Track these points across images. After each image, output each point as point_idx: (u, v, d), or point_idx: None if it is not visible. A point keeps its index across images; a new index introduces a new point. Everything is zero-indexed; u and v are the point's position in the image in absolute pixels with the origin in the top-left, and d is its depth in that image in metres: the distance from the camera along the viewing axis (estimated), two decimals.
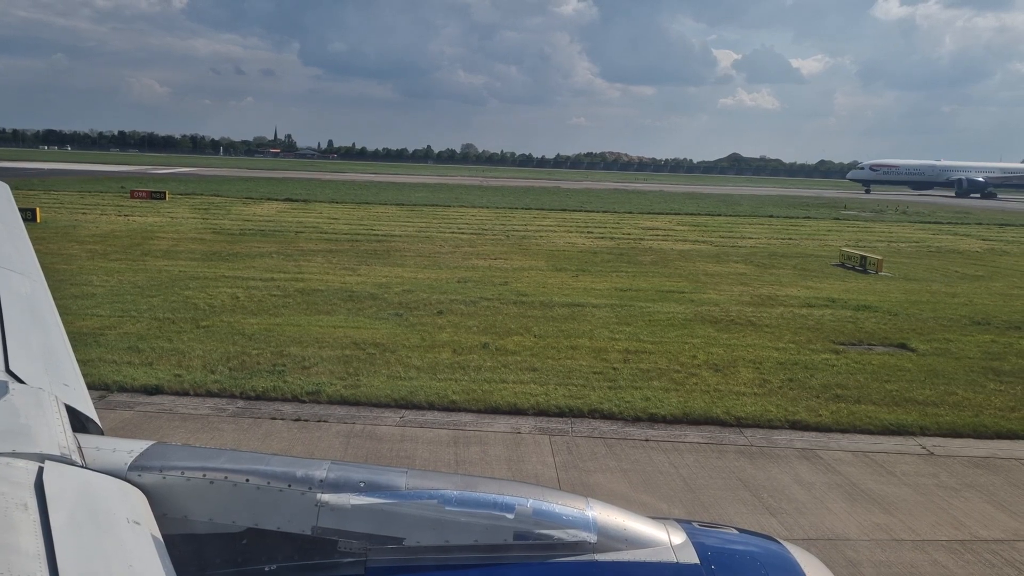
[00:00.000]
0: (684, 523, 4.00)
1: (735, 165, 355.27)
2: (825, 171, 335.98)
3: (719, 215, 65.53)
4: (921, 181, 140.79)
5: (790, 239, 47.12)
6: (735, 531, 4.33)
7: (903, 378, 16.46)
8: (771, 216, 66.57)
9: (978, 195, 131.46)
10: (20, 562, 2.13)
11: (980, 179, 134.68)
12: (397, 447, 11.96)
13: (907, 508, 10.59)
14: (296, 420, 12.89)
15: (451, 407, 13.66)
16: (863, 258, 34.26)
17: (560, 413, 13.59)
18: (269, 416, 13.04)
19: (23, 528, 2.30)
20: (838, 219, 67.14)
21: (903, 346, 19.45)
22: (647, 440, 12.68)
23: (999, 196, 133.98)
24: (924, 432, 13.54)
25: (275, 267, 27.87)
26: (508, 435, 12.63)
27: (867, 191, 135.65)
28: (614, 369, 16.17)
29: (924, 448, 12.92)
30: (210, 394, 13.87)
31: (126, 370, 14.65)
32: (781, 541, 4.21)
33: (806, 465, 11.93)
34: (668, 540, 3.73)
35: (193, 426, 12.48)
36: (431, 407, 13.65)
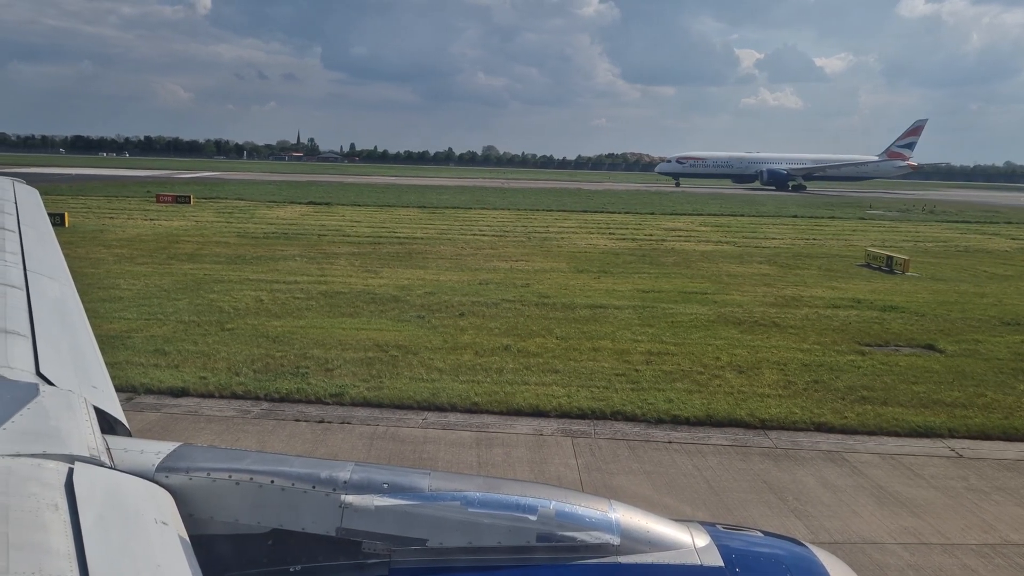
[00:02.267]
0: (708, 525, 3.97)
1: None
2: None
3: (742, 215, 65.03)
4: (729, 173, 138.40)
5: (814, 239, 46.68)
6: (760, 534, 4.29)
7: (931, 380, 16.24)
8: (795, 216, 65.98)
9: (785, 188, 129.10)
10: (51, 561, 2.17)
11: (783, 171, 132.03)
12: (420, 449, 12.00)
13: (935, 511, 10.44)
14: (320, 422, 12.98)
15: (473, 409, 13.68)
16: (889, 258, 33.85)
17: (583, 415, 13.56)
18: (293, 418, 13.14)
19: (54, 528, 2.34)
20: (863, 219, 66.39)
21: (931, 347, 19.19)
22: (670, 442, 12.61)
23: (808, 188, 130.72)
24: (953, 434, 13.34)
25: (298, 270, 28.10)
26: (531, 437, 12.62)
27: (677, 184, 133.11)
28: (636, 371, 16.10)
29: (953, 451, 12.73)
30: (235, 396, 14.01)
31: (153, 372, 14.83)
32: (807, 544, 4.17)
33: (832, 468, 11.80)
34: (692, 542, 3.70)
35: (218, 428, 12.61)
36: (453, 409, 13.68)
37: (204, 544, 3.07)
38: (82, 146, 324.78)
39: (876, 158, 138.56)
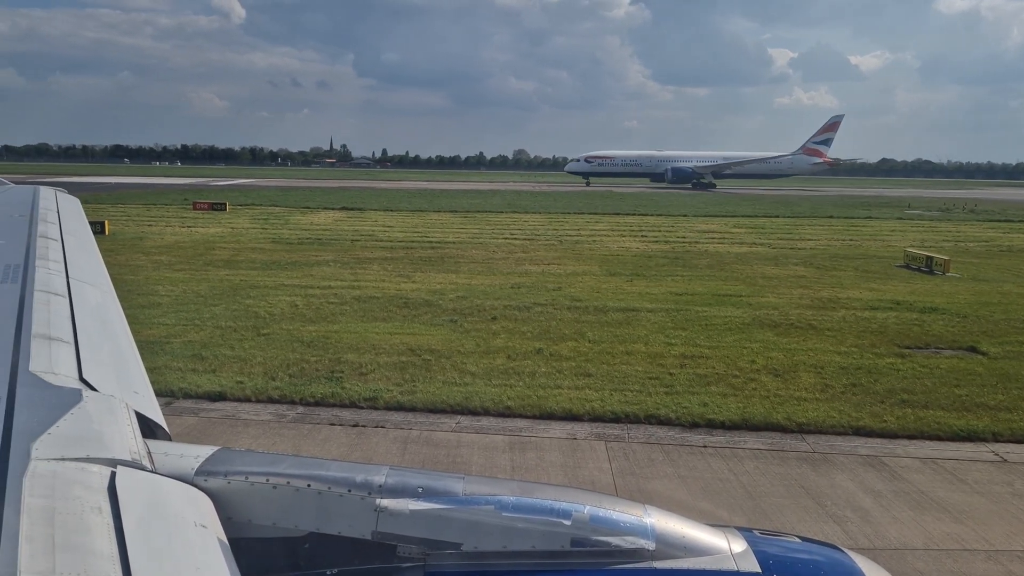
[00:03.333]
0: (745, 531, 3.93)
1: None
2: (887, 170, 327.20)
3: (777, 216, 64.30)
4: (638, 172, 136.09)
5: (851, 240, 45.97)
6: (798, 539, 4.23)
7: (973, 382, 15.89)
8: (831, 217, 65.02)
9: (689, 185, 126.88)
10: (95, 563, 2.21)
11: (688, 168, 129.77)
12: (453, 453, 12.03)
13: (979, 517, 10.20)
14: (354, 426, 13.08)
15: (506, 413, 13.69)
16: (929, 259, 33.20)
17: (616, 419, 13.50)
18: (328, 422, 13.27)
19: (97, 531, 2.39)
20: (902, 219, 65.27)
21: (973, 349, 18.78)
22: (705, 446, 12.50)
23: (718, 186, 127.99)
24: (997, 438, 13.04)
25: (332, 275, 28.37)
26: (564, 441, 12.60)
27: (587, 184, 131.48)
28: (670, 374, 15.99)
29: (997, 455, 12.44)
30: (271, 400, 14.19)
31: (191, 377, 15.08)
32: (846, 550, 4.11)
33: (871, 472, 11.60)
34: (728, 548, 3.67)
35: (255, 432, 12.77)
36: (486, 413, 13.70)
37: (242, 547, 3.11)
38: (122, 155, 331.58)
39: (789, 154, 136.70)
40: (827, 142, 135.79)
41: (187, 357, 16.47)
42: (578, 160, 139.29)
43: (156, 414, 3.99)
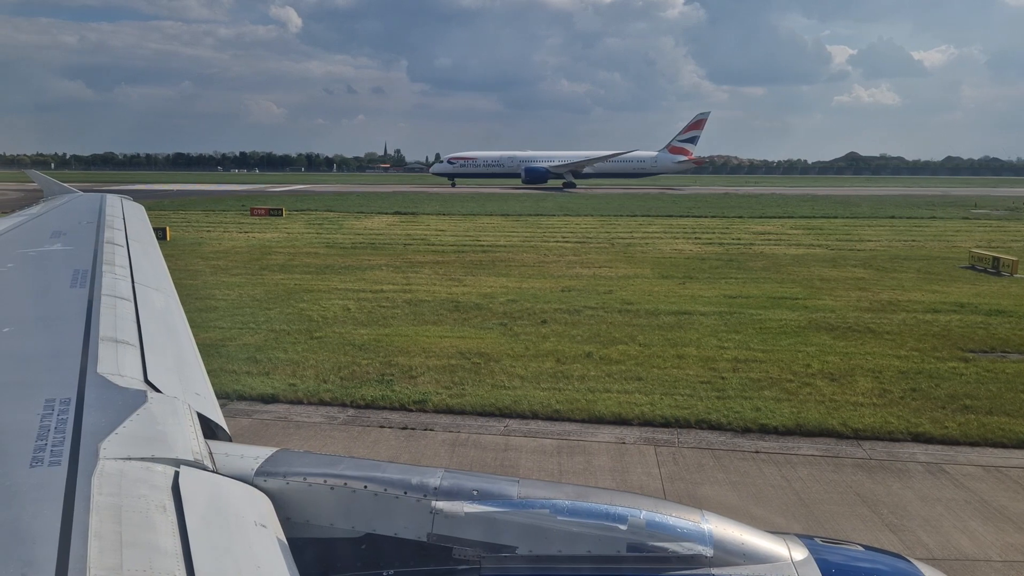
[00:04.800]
0: (805, 539, 3.85)
1: (853, 165, 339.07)
2: (952, 168, 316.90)
3: (836, 217, 62.83)
4: (500, 172, 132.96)
5: (913, 241, 44.67)
6: (860, 548, 4.15)
7: None
8: (892, 217, 63.24)
9: (560, 186, 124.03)
10: (160, 560, 2.32)
11: (542, 168, 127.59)
12: (502, 456, 12.09)
13: None
14: (403, 428, 13.25)
15: (555, 416, 13.70)
16: (995, 259, 32.08)
17: (666, 423, 13.40)
18: (378, 424, 13.46)
19: (162, 529, 2.50)
20: (967, 218, 63.11)
21: None
22: (757, 452, 12.32)
23: (579, 185, 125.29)
24: None
25: (384, 279, 28.74)
26: (613, 445, 12.55)
27: (453, 184, 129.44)
28: (722, 378, 15.79)
29: None
30: (322, 403, 14.46)
31: (245, 380, 15.45)
32: (911, 560, 4.01)
33: (931, 480, 11.29)
34: (789, 556, 3.60)
35: (307, 433, 13.03)
36: (535, 416, 13.74)
37: (300, 547, 3.20)
38: (183, 163, 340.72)
39: (653, 152, 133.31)
40: (693, 140, 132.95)
41: (242, 360, 16.87)
42: (442, 162, 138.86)
43: (217, 415, 4.11)
